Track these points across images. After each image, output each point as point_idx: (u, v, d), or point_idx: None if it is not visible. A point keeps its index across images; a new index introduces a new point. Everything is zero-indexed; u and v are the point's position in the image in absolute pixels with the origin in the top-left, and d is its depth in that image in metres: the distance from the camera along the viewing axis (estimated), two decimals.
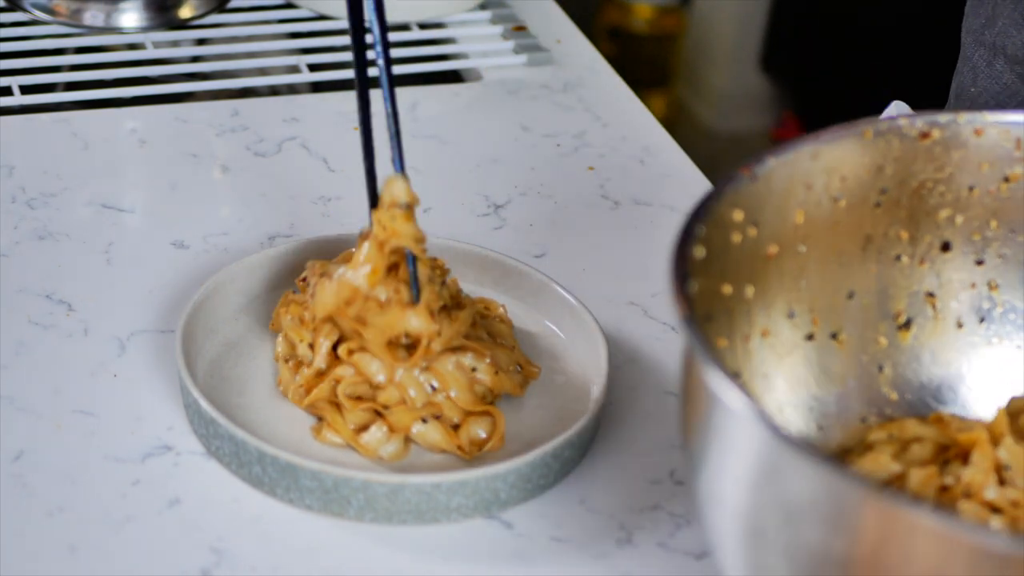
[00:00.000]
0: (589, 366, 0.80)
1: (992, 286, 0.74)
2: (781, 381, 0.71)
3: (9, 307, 0.83)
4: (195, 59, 1.10)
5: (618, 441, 0.78)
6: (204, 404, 0.74)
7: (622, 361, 0.83)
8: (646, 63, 2.53)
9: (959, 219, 0.73)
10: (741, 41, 2.50)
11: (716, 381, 0.58)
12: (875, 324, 0.74)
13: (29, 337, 0.81)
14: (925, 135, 0.71)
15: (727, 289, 0.67)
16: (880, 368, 0.73)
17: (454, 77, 1.10)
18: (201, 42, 1.10)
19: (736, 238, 0.67)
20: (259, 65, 1.08)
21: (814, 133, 0.70)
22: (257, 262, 0.83)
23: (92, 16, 1.07)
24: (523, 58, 1.09)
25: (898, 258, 0.73)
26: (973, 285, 0.74)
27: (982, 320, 0.74)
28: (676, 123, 2.51)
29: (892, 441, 0.70)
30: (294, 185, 0.95)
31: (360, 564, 0.71)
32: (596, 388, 0.77)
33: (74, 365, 0.80)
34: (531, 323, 0.83)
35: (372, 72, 1.07)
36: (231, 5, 1.12)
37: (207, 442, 0.75)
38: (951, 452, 0.68)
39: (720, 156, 2.26)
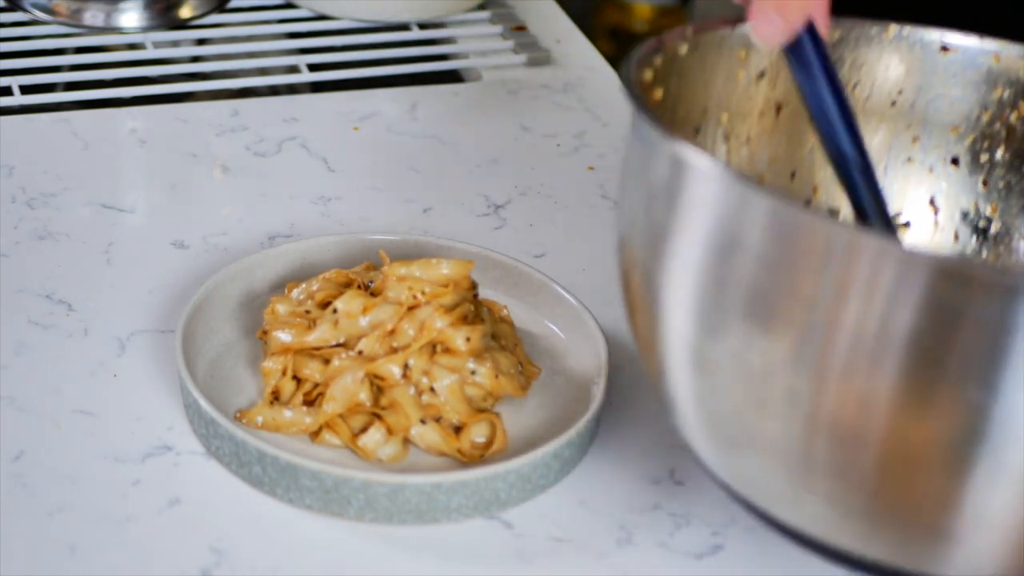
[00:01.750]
0: (589, 366, 0.80)
1: (993, 207, 0.76)
2: None
3: (9, 307, 0.83)
4: (195, 59, 1.10)
5: (618, 441, 0.78)
6: (204, 404, 0.74)
7: (622, 361, 0.83)
8: None
9: (969, 138, 0.75)
10: None
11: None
12: None
13: (29, 337, 0.81)
14: (945, 49, 0.73)
15: (724, 117, 0.71)
16: None
17: (454, 77, 1.10)
18: (201, 42, 1.10)
19: (741, 74, 0.70)
20: (259, 65, 1.08)
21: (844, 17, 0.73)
22: (257, 262, 0.83)
23: (92, 16, 1.07)
24: (523, 58, 1.09)
25: (908, 159, 0.75)
26: (975, 203, 0.76)
27: (978, 237, 0.76)
28: None
29: None
30: (294, 185, 0.95)
31: (360, 564, 0.71)
32: (596, 388, 0.77)
33: (74, 365, 0.80)
34: (531, 323, 0.83)
35: (377, 72, 1.06)
36: (231, 5, 1.12)
37: (207, 442, 0.75)
38: None
39: None
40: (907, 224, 0.76)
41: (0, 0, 1.08)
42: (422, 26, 1.12)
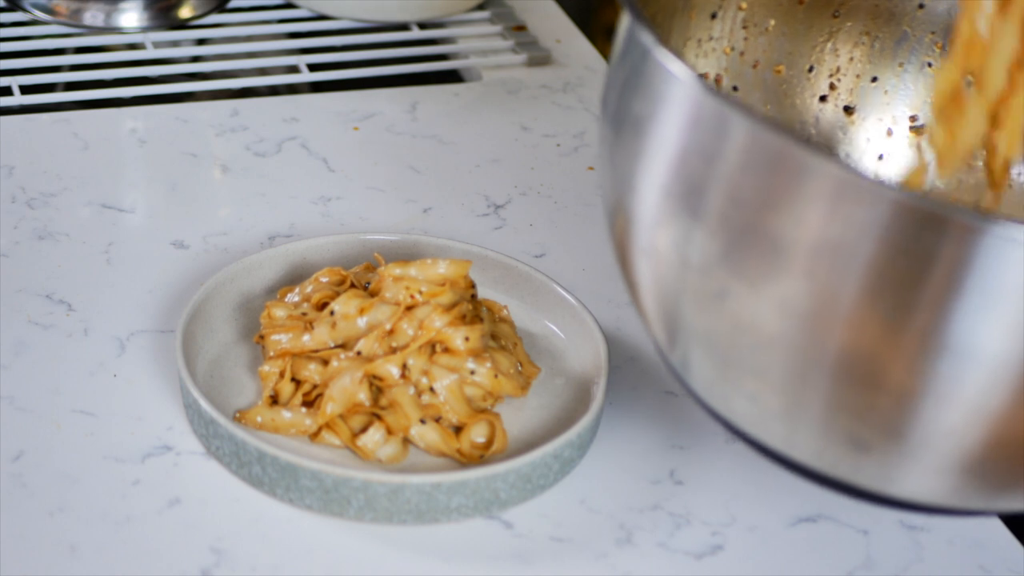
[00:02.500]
0: (589, 366, 0.80)
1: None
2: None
3: (9, 307, 0.83)
4: (195, 59, 1.10)
5: (618, 441, 0.78)
6: (204, 404, 0.74)
7: (622, 361, 0.83)
8: None
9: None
10: None
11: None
12: (891, 115, 0.77)
13: (29, 337, 0.81)
14: None
15: (744, 4, 0.72)
16: (880, 157, 0.78)
17: (454, 77, 1.10)
18: (201, 42, 1.10)
19: None
20: (259, 65, 1.08)
21: None
22: (257, 262, 0.83)
23: (92, 16, 1.07)
24: (523, 58, 1.09)
25: (928, 64, 0.76)
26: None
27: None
28: None
29: None
30: (294, 185, 0.95)
31: (360, 564, 0.71)
32: (596, 388, 0.77)
33: (74, 365, 0.80)
34: (531, 323, 0.83)
35: (377, 72, 1.07)
36: (231, 5, 1.12)
37: (207, 442, 0.75)
38: None
39: None
40: (921, 128, 0.77)
41: (0, 1, 1.08)
42: (422, 26, 1.12)
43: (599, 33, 2.64)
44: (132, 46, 1.09)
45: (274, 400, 0.76)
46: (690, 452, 0.78)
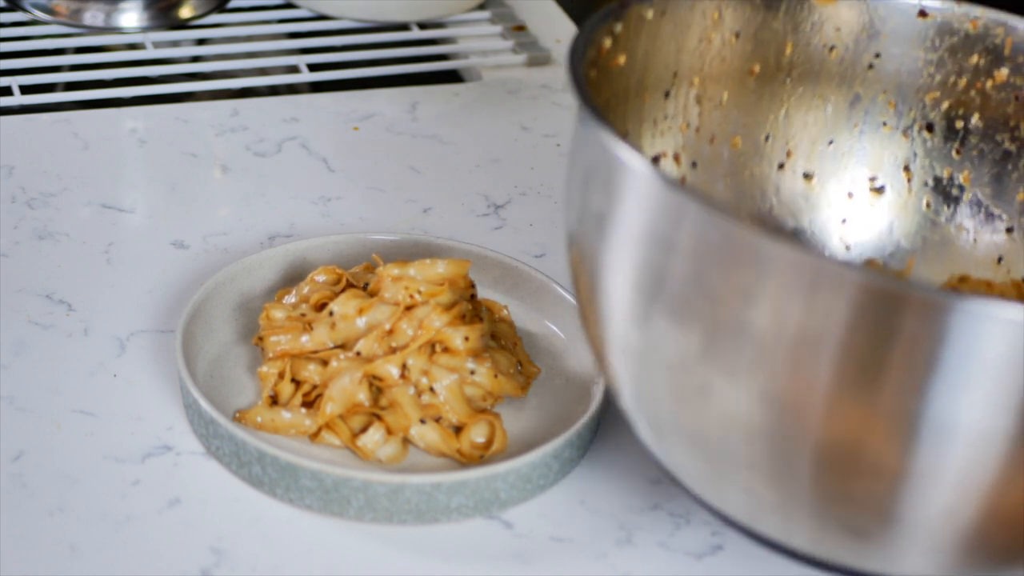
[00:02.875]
0: (589, 366, 0.80)
1: (965, 178, 0.77)
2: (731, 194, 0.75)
3: (9, 307, 0.83)
4: (195, 59, 1.10)
5: (618, 441, 0.78)
6: (204, 404, 0.74)
7: None
8: None
9: (945, 104, 0.76)
10: None
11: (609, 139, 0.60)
12: (850, 178, 0.77)
13: (29, 337, 0.81)
14: (923, 14, 0.74)
15: (697, 80, 0.71)
16: (843, 221, 0.77)
17: (454, 77, 1.10)
18: (201, 42, 1.10)
19: (714, 37, 0.71)
20: (259, 65, 1.08)
21: None
22: (257, 262, 0.83)
23: (92, 16, 1.07)
24: (523, 58, 1.09)
25: (883, 124, 0.76)
26: (948, 171, 0.77)
27: (948, 205, 0.77)
28: None
29: None
30: (294, 185, 0.95)
31: (360, 564, 0.71)
32: (596, 388, 0.77)
33: (74, 365, 0.80)
34: (531, 323, 0.83)
35: (377, 72, 1.07)
36: (231, 5, 1.12)
37: (207, 442, 0.75)
38: None
39: None
40: (881, 189, 0.77)
41: (0, 1, 1.08)
42: (422, 26, 1.12)
43: None
44: (132, 46, 1.09)
45: (274, 401, 0.76)
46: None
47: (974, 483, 0.57)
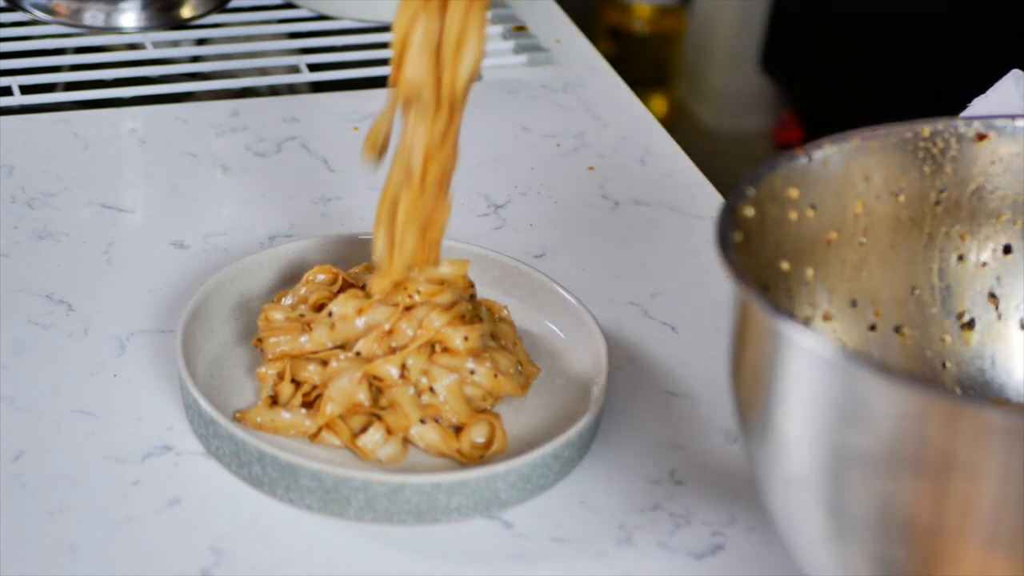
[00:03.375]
0: (589, 366, 0.80)
1: None
2: None
3: (9, 307, 0.83)
4: (195, 59, 1.10)
5: (618, 441, 0.78)
6: (204, 404, 0.74)
7: (622, 361, 0.83)
8: (646, 63, 2.53)
9: (1020, 222, 0.73)
10: (741, 41, 2.50)
11: (783, 324, 0.58)
12: (939, 321, 0.74)
13: (29, 337, 0.81)
14: (982, 137, 0.72)
15: (785, 266, 0.68)
16: (944, 365, 0.74)
17: None
18: (201, 42, 1.10)
19: (793, 215, 0.68)
20: (259, 65, 1.08)
21: (873, 127, 0.71)
22: (257, 262, 0.83)
23: (92, 16, 1.07)
24: (523, 58, 1.09)
25: (960, 258, 0.74)
26: None
27: None
28: (676, 123, 2.51)
29: None
30: (294, 185, 0.95)
31: (360, 564, 0.71)
32: (596, 388, 0.77)
33: (74, 365, 0.80)
34: (531, 323, 0.83)
35: (377, 72, 1.07)
36: (231, 5, 1.12)
37: (207, 442, 0.75)
38: None
39: (720, 156, 2.26)
40: (971, 322, 0.75)
41: (0, 1, 1.08)
42: None
43: (599, 33, 2.63)
44: (132, 46, 1.09)
45: (274, 401, 0.76)
46: (690, 452, 0.77)
47: None
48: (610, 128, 1.03)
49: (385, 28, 1.11)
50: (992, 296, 0.74)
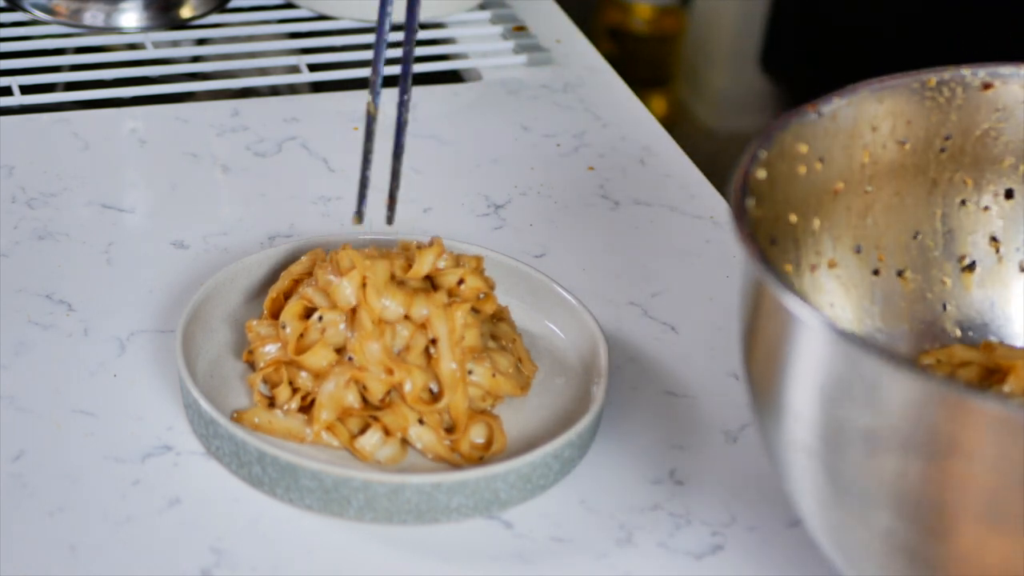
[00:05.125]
0: (589, 366, 0.80)
1: None
2: (848, 312, 0.74)
3: (9, 307, 0.83)
4: (195, 59, 1.10)
5: (618, 441, 0.78)
6: (204, 404, 0.74)
7: (622, 361, 0.83)
8: (646, 63, 2.53)
9: (1022, 167, 0.75)
10: (741, 41, 2.50)
11: (788, 298, 0.60)
12: (940, 264, 0.76)
13: (29, 337, 0.81)
14: (988, 86, 0.74)
15: (793, 218, 0.70)
16: (944, 307, 0.76)
17: (454, 77, 1.10)
18: (201, 42, 1.10)
19: (801, 170, 0.70)
20: (259, 65, 1.08)
21: (879, 77, 0.73)
22: (257, 262, 0.83)
23: (92, 16, 1.07)
24: (523, 58, 1.09)
25: (963, 203, 0.76)
26: None
27: None
28: (676, 123, 2.51)
29: (941, 365, 0.73)
30: (294, 185, 0.95)
31: (360, 564, 0.71)
32: (596, 388, 0.77)
33: (74, 365, 0.80)
34: (531, 323, 0.83)
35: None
36: (231, 5, 1.12)
37: (207, 442, 0.75)
38: (995, 377, 0.72)
39: (720, 156, 2.26)
40: (972, 265, 0.76)
41: (0, 1, 1.08)
42: (422, 26, 1.12)
43: (599, 33, 2.64)
44: (132, 46, 1.09)
45: (271, 404, 0.76)
46: (690, 452, 0.78)
47: None
48: (610, 128, 1.03)
49: None
50: (993, 239, 0.76)
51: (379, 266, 0.75)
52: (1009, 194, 0.76)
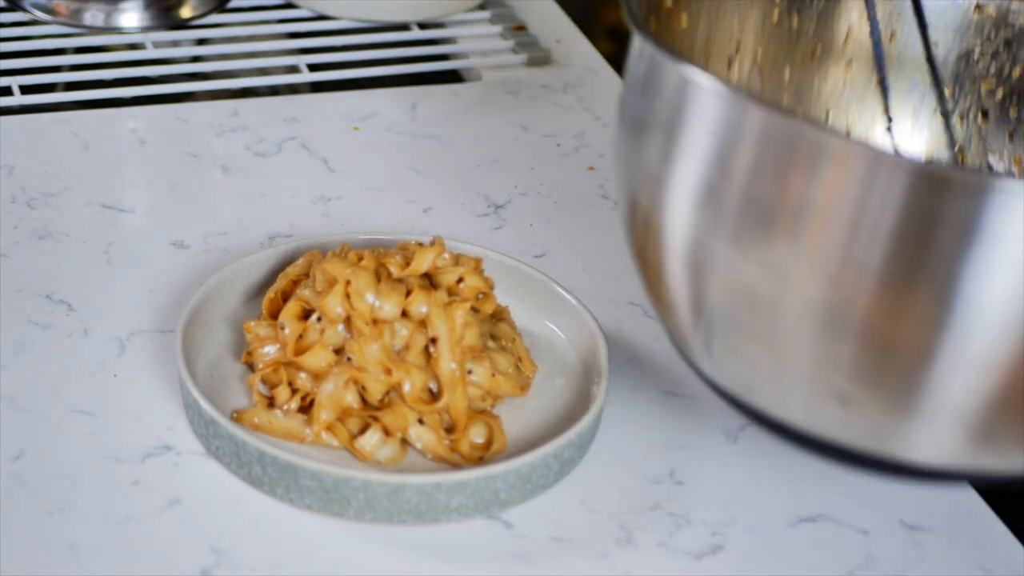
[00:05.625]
0: (589, 366, 0.80)
1: (1016, 160, 0.80)
2: None
3: (9, 307, 0.83)
4: (195, 59, 1.10)
5: (618, 441, 0.78)
6: (204, 404, 0.74)
7: (622, 361, 0.83)
8: None
9: (1000, 93, 0.79)
10: None
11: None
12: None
13: (29, 337, 0.81)
14: (979, 9, 0.78)
15: (759, 53, 0.76)
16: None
17: (454, 77, 1.10)
18: (201, 42, 1.10)
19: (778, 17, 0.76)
20: (259, 65, 1.08)
21: None
22: (257, 262, 0.83)
23: (92, 16, 1.07)
24: (523, 58, 1.09)
25: (936, 111, 0.80)
26: (1000, 154, 0.80)
27: None
28: None
29: None
30: (294, 185, 0.95)
31: (360, 564, 0.71)
32: (596, 388, 0.77)
33: (74, 365, 0.80)
34: (531, 323, 0.83)
35: (377, 72, 1.07)
36: (231, 5, 1.12)
37: (207, 442, 0.75)
38: None
39: None
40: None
41: (0, 1, 1.08)
42: (422, 26, 1.12)
43: (599, 33, 2.63)
44: (132, 46, 1.09)
45: (271, 404, 0.76)
46: (690, 452, 0.78)
47: (997, 363, 0.60)
48: (610, 128, 1.03)
49: (385, 28, 1.11)
50: (960, 151, 0.81)
51: (361, 274, 0.75)
52: (984, 114, 0.79)
